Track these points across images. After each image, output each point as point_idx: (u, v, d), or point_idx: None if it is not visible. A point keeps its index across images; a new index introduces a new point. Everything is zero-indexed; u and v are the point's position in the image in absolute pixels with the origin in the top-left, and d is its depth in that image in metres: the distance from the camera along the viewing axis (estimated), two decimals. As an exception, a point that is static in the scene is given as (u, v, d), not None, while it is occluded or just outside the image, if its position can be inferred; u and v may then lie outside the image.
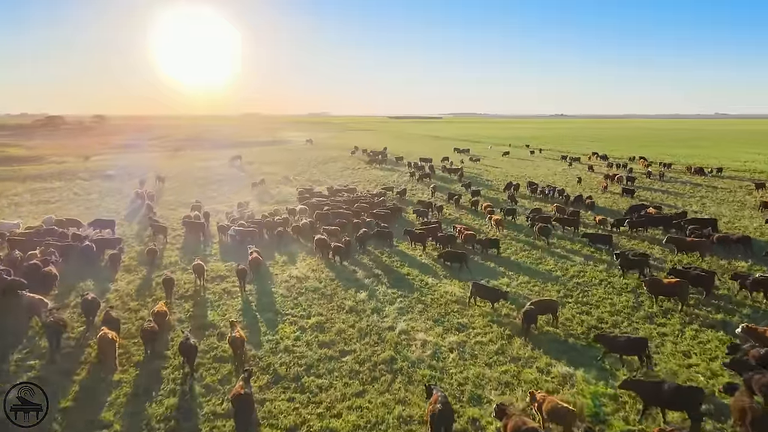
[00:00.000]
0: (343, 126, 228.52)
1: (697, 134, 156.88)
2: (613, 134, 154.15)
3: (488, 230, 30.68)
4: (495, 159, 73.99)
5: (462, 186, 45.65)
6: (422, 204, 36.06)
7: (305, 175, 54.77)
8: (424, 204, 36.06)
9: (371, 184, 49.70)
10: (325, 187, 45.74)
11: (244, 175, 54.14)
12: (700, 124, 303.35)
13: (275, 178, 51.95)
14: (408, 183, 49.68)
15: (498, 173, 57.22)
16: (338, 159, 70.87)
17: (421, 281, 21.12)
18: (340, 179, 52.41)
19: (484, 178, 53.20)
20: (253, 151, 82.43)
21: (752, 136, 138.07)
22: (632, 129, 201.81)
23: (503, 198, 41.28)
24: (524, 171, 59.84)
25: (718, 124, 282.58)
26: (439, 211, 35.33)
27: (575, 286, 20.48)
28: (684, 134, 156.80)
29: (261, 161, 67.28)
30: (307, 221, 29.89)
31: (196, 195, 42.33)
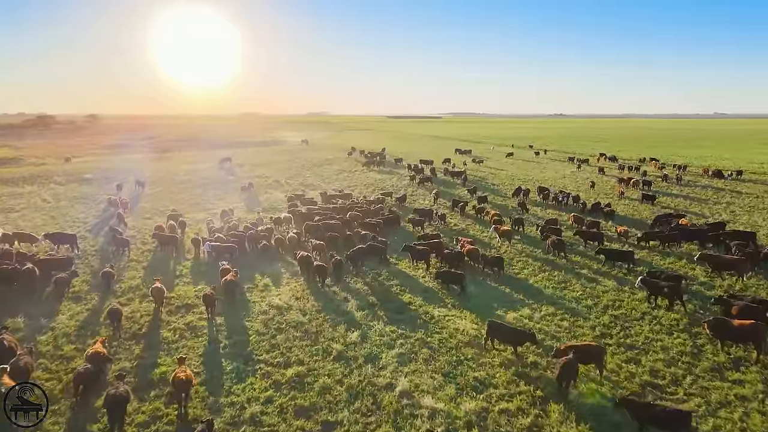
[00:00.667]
0: (341, 126, 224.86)
1: (701, 134, 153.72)
2: (617, 134, 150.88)
3: (497, 243, 27.17)
4: (499, 160, 70.54)
5: (467, 191, 42.09)
6: (420, 212, 32.50)
7: (298, 179, 51.19)
8: (422, 212, 32.51)
9: (369, 188, 46.16)
10: (318, 192, 42.20)
11: (233, 178, 50.53)
12: (702, 123, 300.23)
13: (265, 182, 48.35)
14: (408, 187, 46.14)
15: (504, 176, 53.70)
16: (334, 161, 67.30)
17: (426, 313, 17.56)
18: (335, 183, 48.85)
19: (489, 182, 49.68)
20: (246, 153, 78.80)
21: (761, 136, 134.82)
22: (635, 129, 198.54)
23: (512, 205, 37.77)
24: (531, 174, 56.38)
25: (720, 124, 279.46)
26: (441, 220, 31.83)
27: (612, 320, 16.94)
28: (689, 134, 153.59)
29: (253, 163, 63.68)
30: (294, 234, 26.34)
31: (178, 201, 38.78)
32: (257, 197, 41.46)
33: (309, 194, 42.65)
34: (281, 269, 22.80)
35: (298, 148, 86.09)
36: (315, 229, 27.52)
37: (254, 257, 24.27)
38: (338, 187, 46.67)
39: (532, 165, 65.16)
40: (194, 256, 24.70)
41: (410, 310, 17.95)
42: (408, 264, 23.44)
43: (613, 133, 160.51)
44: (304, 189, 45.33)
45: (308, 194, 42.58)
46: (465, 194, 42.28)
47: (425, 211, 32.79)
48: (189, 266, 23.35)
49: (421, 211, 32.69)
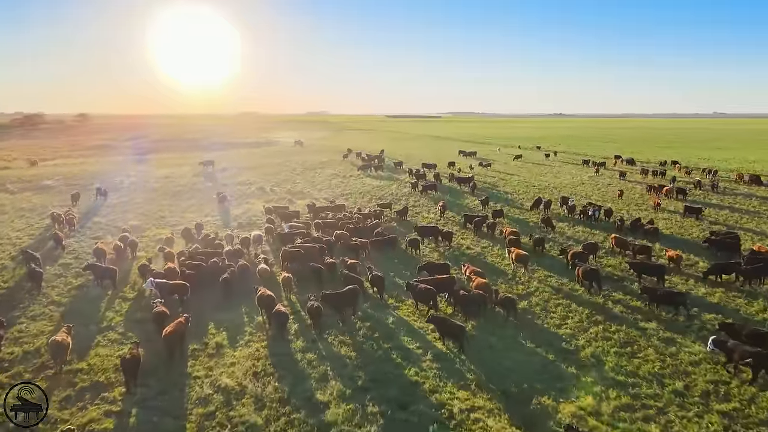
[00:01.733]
0: (340, 125, 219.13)
1: (714, 134, 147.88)
2: (624, 134, 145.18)
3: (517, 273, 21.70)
4: (507, 164, 64.94)
5: (479, 202, 36.46)
6: (423, 230, 26.91)
7: (286, 185, 45.55)
8: (425, 230, 26.91)
9: (365, 197, 40.54)
10: (306, 202, 36.65)
11: (212, 185, 44.86)
12: (709, 123, 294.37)
13: (247, 191, 42.70)
14: (409, 196, 40.51)
15: (516, 183, 48.08)
16: (328, 164, 61.65)
17: (441, 406, 11.93)
18: (328, 191, 43.24)
19: (500, 190, 44.06)
20: (234, 155, 73.07)
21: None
22: (642, 129, 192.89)
23: (533, 220, 32.17)
24: (545, 179, 50.81)
25: (727, 124, 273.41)
26: (447, 239, 26.25)
27: (728, 424, 11.30)
28: (701, 134, 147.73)
29: (239, 166, 58.01)
30: (264, 265, 20.72)
31: (142, 215, 33.16)
32: (235, 209, 35.86)
33: (296, 204, 37.14)
34: (244, 315, 17.25)
35: (290, 150, 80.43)
36: (293, 257, 21.90)
37: (216, 294, 18.69)
38: (331, 195, 41.10)
39: (543, 169, 59.57)
40: (138, 292, 19.21)
41: (417, 396, 12.33)
42: (411, 308, 17.90)
43: (620, 133, 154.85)
44: (291, 198, 39.72)
45: (296, 204, 37.07)
46: (476, 205, 36.74)
47: (429, 228, 27.14)
48: (125, 310, 17.78)
49: (423, 229, 27.09)
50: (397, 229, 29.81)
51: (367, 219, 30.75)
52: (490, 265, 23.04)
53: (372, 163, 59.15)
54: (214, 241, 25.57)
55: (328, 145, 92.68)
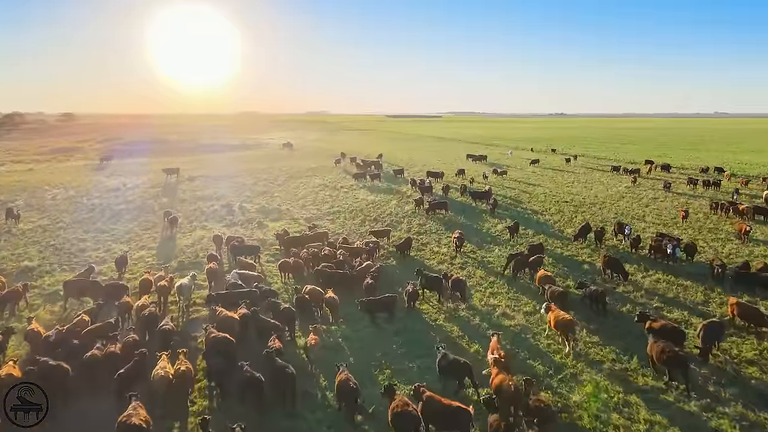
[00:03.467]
0: (338, 125, 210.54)
1: (738, 134, 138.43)
2: (641, 135, 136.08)
3: (564, 350, 13.39)
4: (523, 170, 56.35)
5: (507, 230, 27.58)
6: (431, 281, 18.30)
7: (260, 201, 36.97)
8: (433, 281, 18.35)
9: (356, 218, 31.96)
10: (281, 224, 28.12)
11: (166, 202, 36.26)
12: (718, 123, 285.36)
13: (209, 209, 34.09)
14: (413, 217, 31.88)
15: (542, 196, 39.44)
16: (317, 171, 53.01)
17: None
18: (312, 208, 34.69)
19: (525, 207, 35.44)
20: (211, 160, 64.28)
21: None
22: (657, 130, 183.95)
23: (581, 254, 23.57)
24: (574, 190, 42.24)
25: (745, 123, 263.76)
26: (457, 291, 17.86)
27: None
28: (724, 135, 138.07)
29: (211, 174, 49.37)
30: (162, 372, 12.05)
31: (50, 246, 24.57)
32: (186, 236, 27.27)
33: (266, 228, 28.59)
34: None
35: (277, 154, 71.68)
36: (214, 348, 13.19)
37: None
38: (314, 214, 32.58)
39: (567, 176, 50.96)
40: None
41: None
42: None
43: (634, 134, 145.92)
44: (262, 219, 31.11)
45: (266, 229, 28.52)
46: (500, 232, 28.13)
47: (435, 280, 18.47)
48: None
49: (432, 280, 18.47)
50: (396, 272, 21.30)
51: (355, 256, 22.17)
52: (538, 347, 14.44)
53: (368, 170, 50.63)
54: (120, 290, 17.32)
55: (320, 147, 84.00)
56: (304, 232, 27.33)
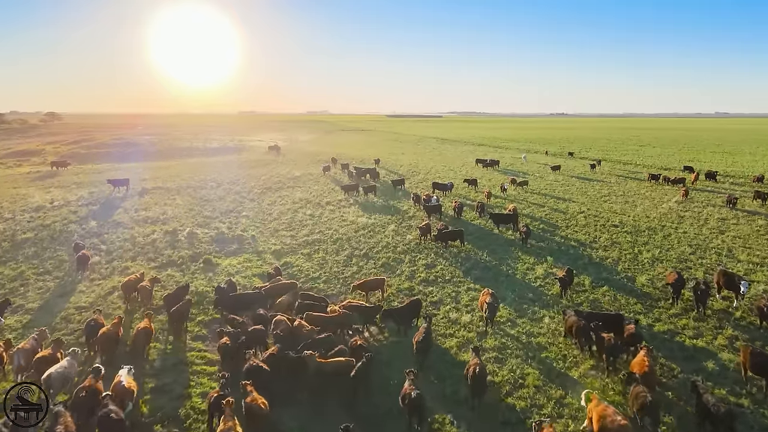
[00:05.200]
0: (336, 125, 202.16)
1: (756, 136, 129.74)
2: (658, 136, 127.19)
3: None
4: (545, 178, 47.93)
5: (558, 281, 18.91)
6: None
7: (220, 223, 28.59)
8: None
9: (341, 251, 23.61)
10: (234, 262, 19.82)
11: (94, 225, 27.82)
12: (726, 123, 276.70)
13: (148, 238, 25.63)
14: (417, 251, 23.46)
15: (582, 217, 30.98)
16: (302, 181, 44.59)
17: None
18: (285, 234, 26.32)
19: (566, 235, 26.94)
20: (178, 166, 55.67)
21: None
22: (672, 130, 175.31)
23: (679, 324, 15.24)
24: (616, 207, 33.92)
25: (756, 123, 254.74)
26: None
27: None
28: (744, 136, 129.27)
29: (171, 186, 40.87)
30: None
31: None
32: (102, 280, 18.94)
33: (213, 273, 20.32)
34: None
35: (261, 159, 63.14)
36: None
37: None
38: (285, 248, 24.22)
39: (600, 187, 42.55)
40: None
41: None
42: None
43: (649, 134, 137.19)
44: (213, 255, 22.75)
45: (211, 274, 20.24)
46: (544, 281, 19.76)
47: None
48: None
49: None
50: (392, 365, 12.94)
51: (326, 346, 13.81)
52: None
53: (361, 180, 42.40)
54: None
55: (311, 151, 75.53)
56: (268, 272, 19.20)
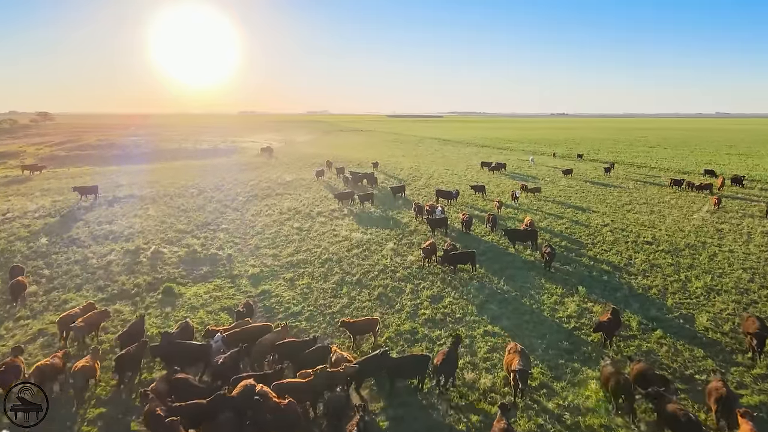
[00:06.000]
0: (335, 125, 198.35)
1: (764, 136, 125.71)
2: (663, 137, 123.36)
3: None
4: (556, 183, 44.07)
5: (599, 323, 14.75)
6: None
7: (193, 239, 24.75)
8: None
9: (329, 277, 19.76)
10: (198, 297, 16.00)
11: (44, 243, 23.96)
12: (733, 123, 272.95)
13: (104, 259, 21.75)
14: (421, 278, 19.57)
15: (608, 231, 27.05)
16: (292, 187, 40.73)
17: None
18: (266, 253, 22.45)
19: (595, 255, 23.03)
20: (158, 170, 51.75)
21: None
22: (680, 131, 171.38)
23: None
24: (644, 219, 30.07)
25: (756, 123, 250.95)
26: None
27: None
28: (754, 137, 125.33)
29: (145, 194, 37.01)
30: None
31: None
32: (29, 321, 15.08)
33: (177, 301, 16.52)
34: None
35: (251, 162, 59.26)
36: None
37: None
38: (268, 266, 20.38)
39: (618, 194, 38.71)
40: None
41: None
42: None
43: (654, 135, 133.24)
44: (176, 283, 18.89)
45: (171, 305, 16.46)
46: (578, 322, 15.89)
47: None
48: None
49: None
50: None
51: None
52: None
53: (357, 186, 38.63)
54: None
55: (307, 152, 71.64)
56: (238, 309, 15.41)
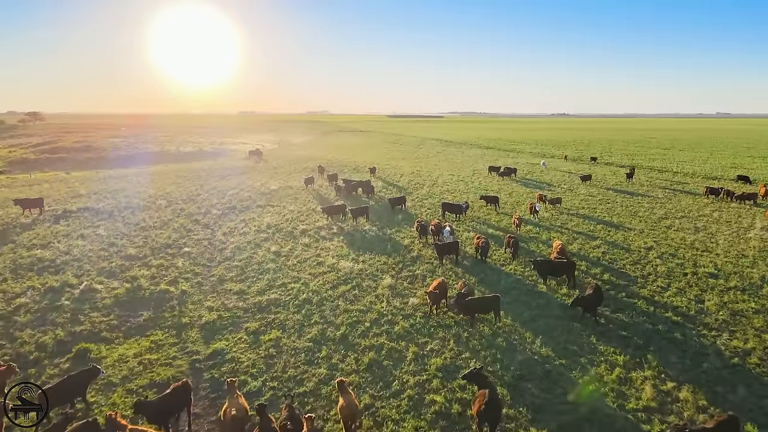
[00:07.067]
0: (334, 126, 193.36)
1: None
2: (675, 138, 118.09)
3: None
4: (575, 191, 39.02)
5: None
6: None
7: (145, 269, 19.72)
8: None
9: (306, 332, 14.71)
10: (118, 371, 10.97)
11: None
12: (738, 123, 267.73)
13: (17, 302, 16.72)
14: (430, 344, 14.52)
15: (654, 256, 21.94)
16: (275, 197, 35.70)
17: None
18: (230, 289, 17.38)
19: (651, 296, 17.91)
20: (133, 177, 46.83)
21: None
22: (686, 131, 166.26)
23: None
24: (691, 238, 25.03)
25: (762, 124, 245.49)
26: None
27: None
28: (767, 137, 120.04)
29: (103, 207, 32.04)
30: None
31: None
32: None
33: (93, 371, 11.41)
34: None
35: (236, 166, 54.18)
36: None
37: None
38: (231, 307, 15.26)
39: (649, 205, 33.65)
40: None
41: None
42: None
43: (665, 135, 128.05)
44: (112, 327, 13.85)
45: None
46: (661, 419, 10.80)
47: None
48: None
49: None
50: None
51: None
52: None
53: (351, 196, 33.66)
54: None
55: (300, 155, 66.56)
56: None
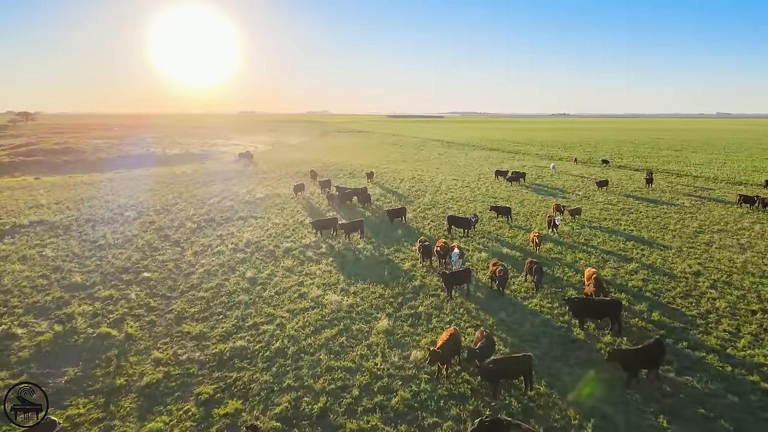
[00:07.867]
0: (333, 126, 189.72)
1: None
2: (683, 139, 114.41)
3: None
4: (592, 199, 35.30)
5: None
6: None
7: (82, 306, 16.00)
8: None
9: (275, 400, 10.97)
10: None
11: None
12: (740, 123, 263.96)
13: None
14: (442, 426, 10.82)
15: (714, 290, 18.17)
16: (259, 208, 31.95)
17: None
18: (189, 330, 13.58)
19: (719, 347, 14.16)
20: (108, 183, 43.05)
21: None
22: (683, 131, 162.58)
23: None
24: (741, 259, 21.36)
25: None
26: None
27: None
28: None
29: (60, 221, 28.36)
30: None
31: None
32: None
33: None
34: None
35: (224, 170, 50.40)
36: None
37: None
38: (187, 359, 11.44)
39: (680, 216, 29.93)
40: None
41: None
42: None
43: (672, 136, 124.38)
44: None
45: None
46: None
47: None
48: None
49: None
50: None
51: None
52: None
53: (345, 206, 29.91)
54: None
55: (294, 158, 62.76)
56: None
